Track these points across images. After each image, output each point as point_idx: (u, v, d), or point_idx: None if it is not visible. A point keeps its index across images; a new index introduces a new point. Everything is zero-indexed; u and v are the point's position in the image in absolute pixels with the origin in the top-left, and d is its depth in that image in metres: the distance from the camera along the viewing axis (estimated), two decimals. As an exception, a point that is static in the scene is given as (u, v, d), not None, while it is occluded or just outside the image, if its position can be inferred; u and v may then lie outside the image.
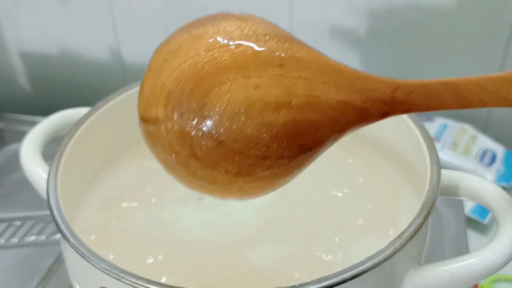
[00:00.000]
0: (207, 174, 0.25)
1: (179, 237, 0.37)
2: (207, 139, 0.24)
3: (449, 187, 0.34)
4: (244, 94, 0.24)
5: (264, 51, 0.24)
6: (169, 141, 0.25)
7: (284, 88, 0.24)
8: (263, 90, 0.24)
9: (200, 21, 0.26)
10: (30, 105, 0.73)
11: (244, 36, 0.25)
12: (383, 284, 0.29)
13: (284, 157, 0.25)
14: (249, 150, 0.24)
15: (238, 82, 0.24)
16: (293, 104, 0.24)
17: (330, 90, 0.25)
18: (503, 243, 0.30)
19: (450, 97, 0.26)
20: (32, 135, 0.39)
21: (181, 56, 0.25)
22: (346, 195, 0.39)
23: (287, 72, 0.24)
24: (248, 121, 0.24)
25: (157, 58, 0.26)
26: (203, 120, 0.24)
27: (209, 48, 0.24)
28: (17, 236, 0.50)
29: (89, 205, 0.39)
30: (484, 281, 0.46)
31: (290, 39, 0.26)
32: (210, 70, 0.24)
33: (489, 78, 0.25)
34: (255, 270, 0.34)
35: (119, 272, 0.27)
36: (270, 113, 0.24)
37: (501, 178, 0.54)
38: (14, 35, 0.68)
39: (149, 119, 0.25)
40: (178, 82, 0.24)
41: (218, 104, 0.24)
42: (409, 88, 0.26)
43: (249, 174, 0.25)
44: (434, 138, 0.56)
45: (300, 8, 0.57)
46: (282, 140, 0.24)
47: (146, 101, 0.26)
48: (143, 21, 0.63)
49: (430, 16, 0.55)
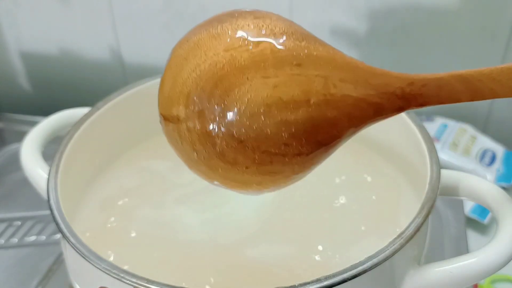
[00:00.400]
0: (228, 171, 0.26)
1: (179, 237, 0.37)
2: (228, 139, 0.24)
3: (449, 187, 0.34)
4: (263, 94, 0.24)
5: (281, 50, 0.25)
6: (191, 140, 0.25)
7: (302, 87, 0.24)
8: (282, 89, 0.24)
9: (218, 19, 0.26)
10: (30, 105, 0.73)
11: (262, 35, 0.25)
12: (383, 284, 0.29)
13: (303, 153, 0.25)
14: (269, 148, 0.25)
15: (257, 82, 0.24)
16: (311, 103, 0.25)
17: (347, 88, 0.25)
18: (503, 243, 0.30)
19: (463, 89, 0.26)
20: (32, 135, 0.39)
21: (200, 55, 0.25)
22: (346, 195, 0.39)
23: (304, 71, 0.25)
24: (267, 121, 0.24)
25: (177, 55, 0.26)
26: (224, 120, 0.24)
27: (227, 48, 0.25)
28: (17, 236, 0.50)
29: (89, 205, 0.39)
30: (484, 281, 0.46)
31: (307, 36, 0.26)
32: (230, 71, 0.24)
33: (501, 69, 0.26)
34: (255, 270, 0.34)
35: (119, 272, 0.27)
36: (289, 112, 0.24)
37: (501, 178, 0.54)
38: (14, 35, 0.68)
39: (170, 117, 0.26)
40: (198, 82, 0.25)
41: (238, 104, 0.24)
42: (423, 82, 0.26)
43: (269, 171, 0.26)
44: (434, 138, 0.56)
45: (300, 8, 0.57)
46: (300, 137, 0.25)
47: (166, 100, 0.26)
48: (143, 21, 0.63)
49: (430, 16, 0.55)
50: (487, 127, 0.60)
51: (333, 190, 0.40)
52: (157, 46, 0.63)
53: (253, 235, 0.36)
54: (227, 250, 0.35)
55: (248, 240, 0.36)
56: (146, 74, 0.42)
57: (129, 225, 0.38)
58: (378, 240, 0.30)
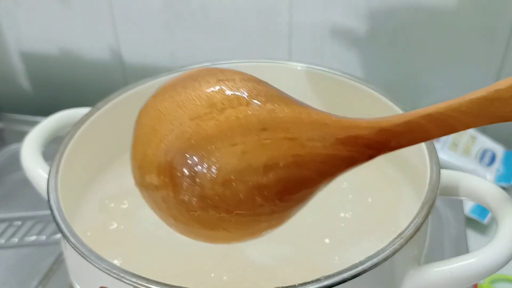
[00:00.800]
0: (206, 233, 0.26)
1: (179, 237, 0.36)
2: (203, 206, 0.25)
3: (449, 187, 0.34)
4: (232, 161, 0.24)
5: (247, 116, 0.25)
6: (167, 206, 0.26)
7: (270, 151, 0.25)
8: (250, 155, 0.24)
9: (182, 84, 0.26)
10: (30, 105, 0.73)
11: (226, 101, 0.25)
12: (383, 284, 0.29)
13: (277, 211, 0.26)
14: (244, 211, 0.25)
15: (225, 151, 0.24)
16: (281, 166, 0.25)
17: (315, 146, 0.25)
18: (503, 243, 0.30)
19: (434, 127, 0.26)
20: (32, 135, 0.39)
21: (167, 125, 0.25)
22: (346, 195, 0.39)
23: (271, 134, 0.25)
24: (239, 187, 0.24)
25: (144, 125, 0.26)
26: (196, 189, 0.25)
27: (193, 117, 0.25)
28: (17, 236, 0.50)
29: (89, 205, 0.39)
30: (484, 281, 0.46)
31: (272, 97, 0.26)
32: (197, 141, 0.24)
33: (470, 101, 0.25)
34: (255, 269, 0.34)
35: (119, 272, 0.27)
36: (259, 176, 0.25)
37: (501, 178, 0.54)
38: (14, 35, 0.68)
39: (144, 185, 0.26)
40: (167, 154, 0.25)
41: (209, 174, 0.24)
42: (391, 128, 0.26)
43: (246, 229, 0.26)
44: (434, 138, 0.56)
45: (300, 8, 0.57)
46: (273, 199, 0.25)
47: (139, 169, 0.26)
48: (143, 21, 0.63)
49: (430, 16, 0.55)
50: (487, 127, 0.60)
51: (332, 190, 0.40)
52: (157, 46, 0.64)
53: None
54: (227, 250, 0.35)
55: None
56: (146, 74, 0.42)
57: (129, 225, 0.38)
58: (378, 240, 0.30)
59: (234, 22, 0.60)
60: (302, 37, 0.59)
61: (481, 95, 0.25)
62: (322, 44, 0.59)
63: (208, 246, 0.36)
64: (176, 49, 0.63)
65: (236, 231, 0.26)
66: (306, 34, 0.59)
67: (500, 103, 0.25)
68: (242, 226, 0.26)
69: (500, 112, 0.25)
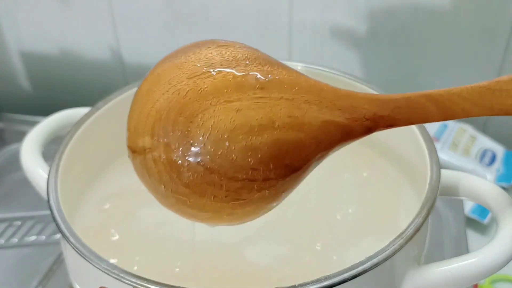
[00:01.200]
0: (197, 202, 0.25)
1: (179, 237, 0.37)
2: (194, 167, 0.24)
3: (449, 187, 0.34)
4: (227, 118, 0.24)
5: (244, 75, 0.25)
6: (158, 171, 0.25)
7: (266, 110, 0.24)
8: (246, 113, 0.24)
9: (183, 50, 0.26)
10: (30, 105, 0.73)
11: (225, 62, 0.25)
12: (383, 284, 0.29)
13: (271, 178, 0.25)
14: (236, 174, 0.24)
15: (221, 107, 0.24)
16: (276, 126, 0.24)
17: (312, 109, 0.25)
18: (503, 243, 0.30)
19: (434, 109, 0.26)
20: (32, 135, 0.39)
21: (164, 85, 0.25)
22: (346, 195, 0.39)
23: (268, 93, 0.24)
24: (232, 146, 0.24)
25: (142, 89, 0.26)
26: (189, 147, 0.24)
27: (190, 76, 0.25)
28: (17, 236, 0.50)
29: (89, 205, 0.39)
30: (484, 281, 0.46)
31: (270, 62, 0.26)
32: (193, 97, 0.24)
33: (471, 87, 0.26)
34: (255, 270, 0.34)
35: (119, 272, 0.27)
36: (254, 136, 0.24)
37: (501, 178, 0.54)
38: (14, 35, 0.68)
39: (137, 149, 0.26)
40: (162, 111, 0.24)
41: (202, 131, 0.24)
42: (391, 102, 0.26)
43: (238, 199, 0.25)
44: (434, 138, 0.56)
45: (300, 8, 0.57)
46: (267, 162, 0.24)
47: (133, 132, 0.26)
48: (143, 21, 0.63)
49: (430, 16, 0.55)
50: (487, 127, 0.60)
51: (333, 190, 0.40)
52: (157, 46, 0.63)
53: (254, 235, 0.36)
54: (227, 250, 0.35)
55: (248, 240, 0.36)
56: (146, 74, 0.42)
57: (129, 225, 0.38)
58: (378, 240, 0.30)
59: (234, 22, 0.60)
60: (302, 37, 0.59)
61: (483, 85, 0.25)
62: (322, 44, 0.59)
63: (208, 246, 0.36)
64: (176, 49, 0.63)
65: (227, 201, 0.25)
66: (306, 34, 0.59)
67: (501, 94, 0.25)
68: (232, 194, 0.25)
69: (500, 104, 0.25)
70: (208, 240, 0.36)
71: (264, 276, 0.34)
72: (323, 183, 0.40)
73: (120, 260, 0.35)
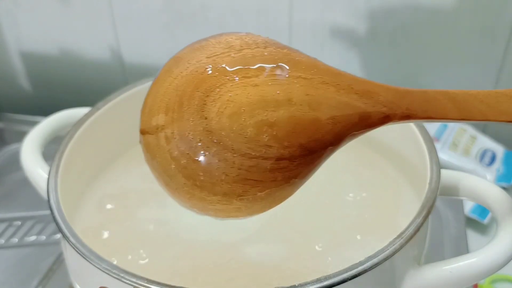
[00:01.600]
0: (207, 181, 0.24)
1: (179, 237, 0.37)
2: (207, 142, 0.24)
3: (449, 187, 0.34)
4: (243, 93, 0.24)
5: (263, 54, 0.25)
6: (169, 149, 0.24)
7: (284, 87, 0.24)
8: (263, 88, 0.24)
9: (203, 39, 0.27)
10: (30, 105, 0.73)
11: (244, 44, 0.25)
12: (383, 284, 0.29)
13: (285, 158, 0.24)
14: (249, 151, 0.24)
15: (238, 83, 0.24)
16: (293, 102, 0.24)
17: (329, 90, 0.25)
18: (503, 243, 0.30)
19: (451, 106, 0.26)
20: (32, 135, 0.39)
21: (183, 65, 0.25)
22: (346, 195, 0.39)
23: (286, 72, 0.25)
24: (247, 121, 0.23)
25: (162, 70, 0.26)
26: (203, 121, 0.24)
27: (210, 55, 0.25)
28: (17, 236, 0.50)
29: (89, 205, 0.39)
30: (484, 281, 0.46)
31: (288, 47, 0.26)
32: (211, 73, 0.24)
33: (488, 92, 0.26)
34: (255, 269, 0.34)
35: (119, 272, 0.27)
36: (269, 111, 0.24)
37: (501, 178, 0.54)
38: (14, 35, 0.68)
39: (150, 129, 0.25)
40: (179, 88, 0.24)
41: (218, 104, 0.24)
42: (408, 94, 0.26)
43: (249, 179, 0.24)
44: (434, 138, 0.56)
45: (300, 8, 0.57)
46: (282, 139, 0.24)
47: (148, 113, 0.26)
48: (143, 21, 0.63)
49: (430, 16, 0.55)
50: (487, 127, 0.60)
51: (332, 191, 0.40)
52: (157, 46, 0.64)
53: (253, 236, 0.36)
54: (227, 250, 0.35)
55: (248, 240, 0.36)
56: (146, 74, 0.42)
57: (129, 225, 0.38)
58: (378, 240, 0.30)
59: (234, 22, 0.60)
60: (302, 37, 0.59)
61: (500, 91, 0.26)
62: (322, 44, 0.59)
63: (208, 246, 0.36)
64: (176, 49, 0.62)
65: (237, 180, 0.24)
66: (306, 34, 0.59)
67: None
68: (244, 174, 0.24)
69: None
70: (208, 240, 0.36)
71: (264, 276, 0.34)
72: (323, 183, 0.40)
73: (120, 260, 0.35)
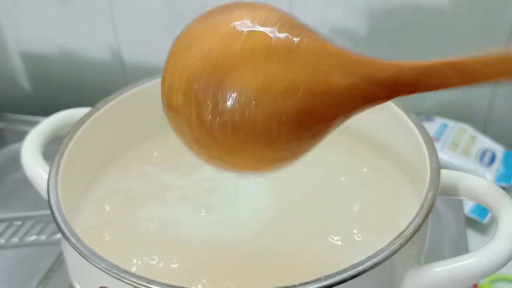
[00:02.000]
0: (226, 157, 0.27)
1: (180, 237, 0.37)
2: (223, 125, 0.25)
3: (448, 187, 0.34)
4: (254, 79, 0.25)
5: (273, 38, 0.26)
6: (190, 127, 0.26)
7: (294, 71, 0.25)
8: (274, 74, 0.25)
9: (216, 11, 0.28)
10: (30, 105, 0.73)
11: (256, 25, 0.26)
12: (383, 283, 0.29)
13: (294, 138, 0.26)
14: (262, 134, 0.25)
15: (249, 68, 0.25)
16: (303, 86, 0.25)
17: (337, 72, 0.26)
18: (503, 243, 0.30)
19: (454, 74, 0.27)
20: (32, 135, 0.39)
21: (198, 44, 0.26)
22: (346, 195, 0.39)
23: (295, 57, 0.26)
24: (259, 106, 0.25)
25: (177, 46, 0.27)
26: (218, 106, 0.25)
27: (223, 36, 0.26)
28: (18, 236, 0.50)
29: (89, 205, 0.39)
30: (484, 281, 0.46)
31: (298, 26, 0.27)
32: (225, 58, 0.25)
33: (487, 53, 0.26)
34: (255, 269, 0.34)
35: (119, 272, 0.27)
36: (280, 96, 0.25)
37: (501, 178, 0.54)
38: (14, 35, 0.68)
39: (171, 105, 0.27)
40: (195, 70, 0.26)
41: (232, 90, 0.25)
42: (412, 68, 0.28)
43: (264, 156, 0.26)
44: (434, 138, 0.56)
45: (300, 8, 0.57)
46: (293, 122, 0.25)
47: (167, 89, 0.27)
48: (143, 21, 0.63)
49: (430, 16, 0.55)
50: (487, 127, 0.60)
51: (332, 190, 0.40)
52: (157, 46, 0.63)
53: (253, 235, 0.36)
54: (228, 250, 0.35)
55: (248, 240, 0.36)
56: (146, 74, 0.42)
57: (129, 225, 0.38)
58: (378, 240, 0.30)
59: (234, 22, 0.60)
60: (302, 37, 0.59)
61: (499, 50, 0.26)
62: (322, 44, 0.59)
63: (208, 246, 0.36)
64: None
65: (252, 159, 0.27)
66: (306, 34, 0.59)
67: None
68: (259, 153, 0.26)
69: None
70: (208, 239, 0.36)
71: (264, 275, 0.34)
72: (323, 183, 0.40)
73: (120, 260, 0.34)
